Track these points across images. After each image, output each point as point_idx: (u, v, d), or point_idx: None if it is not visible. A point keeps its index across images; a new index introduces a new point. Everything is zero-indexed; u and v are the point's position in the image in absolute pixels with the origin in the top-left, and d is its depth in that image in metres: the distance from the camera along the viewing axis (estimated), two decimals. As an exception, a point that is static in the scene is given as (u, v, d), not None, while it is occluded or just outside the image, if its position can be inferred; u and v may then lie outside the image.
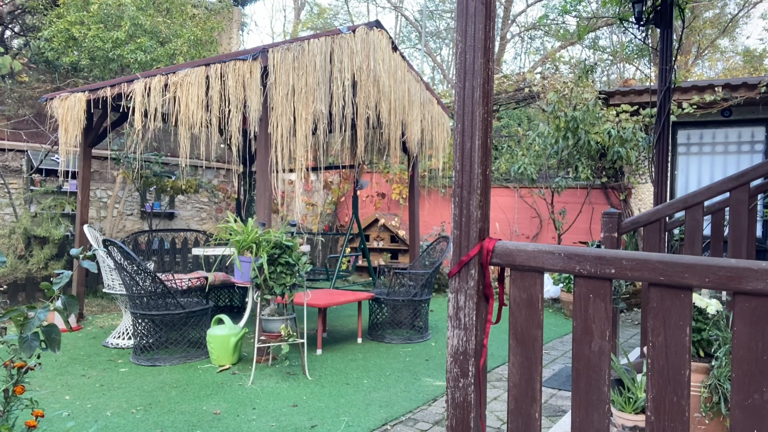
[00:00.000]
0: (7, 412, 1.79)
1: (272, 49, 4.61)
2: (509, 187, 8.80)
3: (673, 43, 4.59)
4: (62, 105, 5.47)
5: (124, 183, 8.08)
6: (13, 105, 8.39)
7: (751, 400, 1.18)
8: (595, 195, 8.22)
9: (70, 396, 3.72)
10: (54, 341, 1.73)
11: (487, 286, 1.56)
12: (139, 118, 4.85)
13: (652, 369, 1.29)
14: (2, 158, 7.18)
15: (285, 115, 4.62)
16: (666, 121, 4.44)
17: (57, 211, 7.18)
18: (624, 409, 2.54)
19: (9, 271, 6.38)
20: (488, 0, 1.56)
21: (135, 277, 4.54)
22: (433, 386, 4.01)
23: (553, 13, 15.24)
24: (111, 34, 8.08)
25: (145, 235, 7.35)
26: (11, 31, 10.19)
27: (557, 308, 7.22)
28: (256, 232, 4.20)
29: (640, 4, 4.65)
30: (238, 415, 3.42)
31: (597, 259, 1.36)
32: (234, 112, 4.63)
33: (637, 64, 16.08)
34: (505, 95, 9.00)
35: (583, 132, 7.15)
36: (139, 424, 3.25)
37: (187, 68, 4.76)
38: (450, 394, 1.61)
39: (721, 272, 1.20)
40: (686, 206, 3.51)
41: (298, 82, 4.65)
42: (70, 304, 1.77)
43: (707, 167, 7.71)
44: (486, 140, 1.57)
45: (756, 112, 7.27)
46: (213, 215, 9.61)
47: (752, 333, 1.17)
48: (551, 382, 4.14)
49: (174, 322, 4.60)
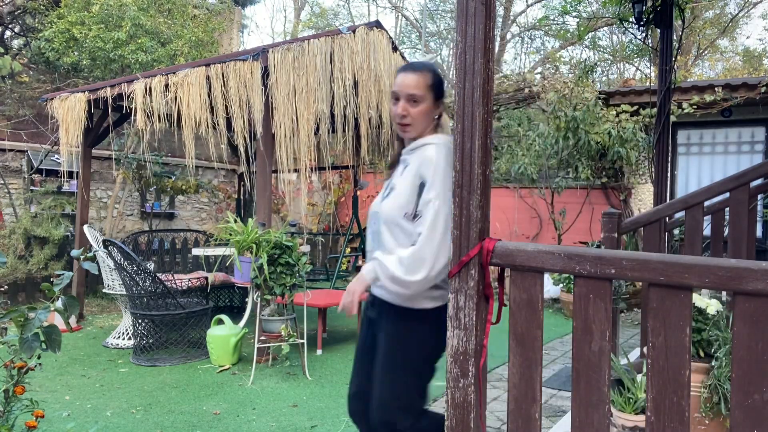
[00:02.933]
0: (7, 412, 1.79)
1: (272, 49, 4.61)
2: (509, 187, 8.79)
3: (673, 43, 4.59)
4: (62, 105, 5.46)
5: (124, 183, 8.08)
6: (13, 105, 8.39)
7: (751, 400, 1.18)
8: (595, 195, 8.21)
9: (70, 396, 3.72)
10: (54, 342, 1.73)
11: (487, 287, 1.55)
12: (140, 119, 4.85)
13: (652, 369, 1.29)
14: (2, 158, 7.18)
15: (287, 115, 4.62)
16: (666, 121, 4.44)
17: (57, 211, 7.19)
18: (624, 409, 2.54)
19: (9, 272, 6.38)
20: (488, 0, 1.56)
21: (135, 277, 4.54)
22: (433, 386, 4.01)
23: (553, 13, 15.25)
24: (112, 35, 8.08)
25: (145, 236, 7.35)
26: (11, 32, 10.19)
27: (557, 308, 7.22)
28: (256, 233, 4.20)
29: (640, 4, 4.64)
30: (238, 415, 3.42)
31: (597, 259, 1.36)
32: (236, 112, 4.63)
33: (637, 64, 16.08)
34: (505, 95, 8.99)
35: (583, 132, 7.14)
36: (139, 425, 3.25)
37: (188, 68, 4.76)
38: (450, 395, 1.61)
39: (721, 272, 1.20)
40: (686, 206, 3.51)
41: (299, 82, 4.65)
42: (71, 305, 1.77)
43: (707, 167, 7.70)
44: (486, 140, 1.57)
45: (756, 112, 7.27)
46: (213, 215, 9.61)
47: (752, 333, 1.17)
48: (551, 382, 4.14)
49: (174, 322, 4.60)
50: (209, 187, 8.91)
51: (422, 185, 1.81)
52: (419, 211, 1.81)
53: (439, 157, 1.81)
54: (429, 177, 1.80)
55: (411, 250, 1.77)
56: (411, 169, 1.87)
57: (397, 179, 1.93)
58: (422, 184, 1.81)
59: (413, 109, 1.90)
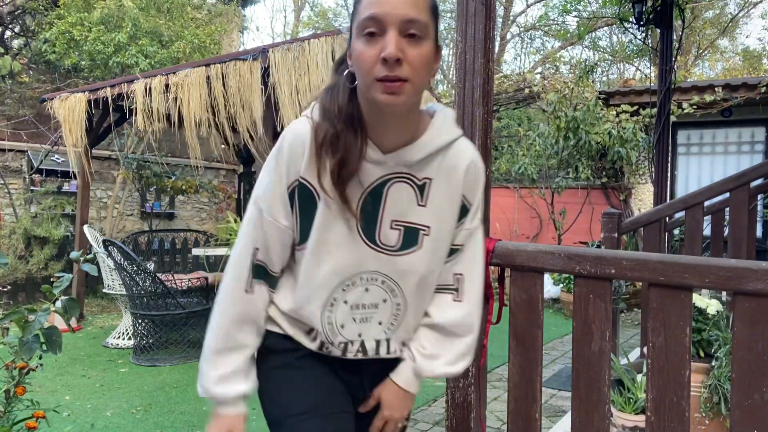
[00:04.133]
0: (7, 412, 1.79)
1: (272, 49, 4.61)
2: (509, 187, 8.79)
3: (673, 44, 4.59)
4: (62, 105, 5.46)
5: (124, 183, 8.08)
6: (13, 105, 8.39)
7: (751, 400, 1.18)
8: (595, 195, 8.21)
9: (70, 396, 3.72)
10: (55, 343, 1.73)
11: (487, 287, 1.55)
12: (141, 119, 4.85)
13: (652, 369, 1.29)
14: (2, 158, 7.18)
15: (287, 114, 4.62)
16: (666, 121, 4.44)
17: (57, 211, 7.19)
18: (624, 410, 2.54)
19: (9, 272, 6.38)
20: (488, 0, 1.56)
21: (135, 277, 4.54)
22: (433, 386, 4.01)
23: (554, 12, 15.24)
24: (112, 36, 8.08)
25: (145, 236, 7.35)
26: (11, 32, 10.19)
27: (557, 308, 7.22)
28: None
29: (640, 4, 4.65)
30: (238, 415, 3.42)
31: (597, 259, 1.36)
32: (237, 112, 4.63)
33: (637, 64, 16.08)
34: (505, 95, 8.99)
35: (583, 132, 7.14)
36: (139, 425, 3.25)
37: (188, 68, 4.76)
38: (450, 394, 1.61)
39: (721, 272, 1.20)
40: (686, 206, 3.51)
41: (300, 81, 4.65)
42: (71, 307, 1.77)
43: (707, 167, 7.70)
44: (486, 140, 1.57)
45: (756, 112, 7.27)
46: (213, 215, 9.61)
47: (752, 333, 1.17)
48: (551, 382, 4.14)
49: (174, 322, 4.60)
50: (209, 187, 8.92)
51: (463, 209, 1.21)
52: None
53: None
54: (476, 198, 1.22)
55: (467, 335, 1.24)
56: (444, 192, 1.16)
57: (407, 208, 1.15)
58: (463, 207, 1.20)
59: (413, 51, 1.02)
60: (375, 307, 1.19)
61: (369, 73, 1.01)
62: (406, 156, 1.12)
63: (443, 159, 1.16)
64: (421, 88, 1.06)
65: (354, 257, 1.14)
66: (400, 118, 1.10)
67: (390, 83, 1.00)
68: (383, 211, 1.13)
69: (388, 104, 1.02)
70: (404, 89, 1.01)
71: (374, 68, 1.00)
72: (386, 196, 1.13)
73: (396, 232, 1.15)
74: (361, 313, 1.19)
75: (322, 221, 1.13)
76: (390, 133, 1.11)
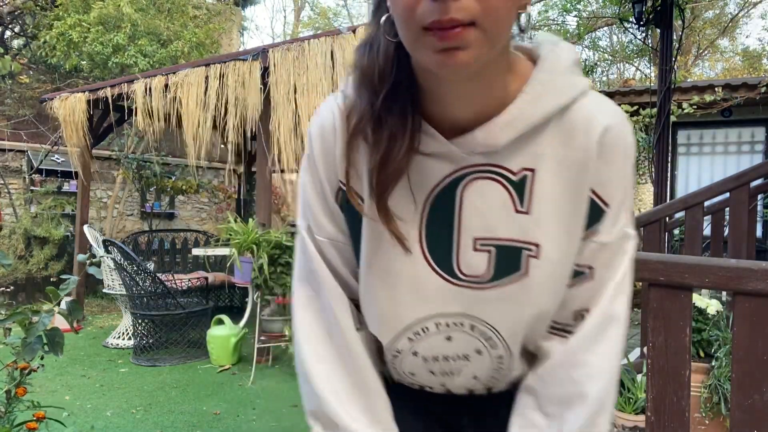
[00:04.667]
0: (8, 413, 1.79)
1: (272, 49, 4.61)
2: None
3: (673, 43, 4.59)
4: (62, 105, 5.47)
5: (124, 183, 8.08)
6: (13, 105, 8.39)
7: (751, 400, 1.18)
8: (595, 195, 8.20)
9: (71, 396, 3.72)
10: (57, 345, 1.73)
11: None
12: (141, 119, 4.85)
13: (652, 369, 1.29)
14: (2, 158, 7.18)
15: (287, 114, 4.62)
16: (666, 121, 4.44)
17: (57, 211, 7.19)
18: (624, 409, 2.55)
19: (9, 272, 6.38)
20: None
21: (135, 277, 4.54)
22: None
23: (554, 12, 15.25)
24: (111, 36, 8.08)
25: (145, 236, 7.35)
26: (11, 32, 10.19)
27: (557, 308, 7.22)
28: (256, 233, 4.20)
29: (640, 4, 4.65)
30: (238, 415, 3.42)
31: (597, 260, 1.36)
32: (237, 112, 4.63)
33: (637, 64, 16.09)
34: (505, 95, 8.99)
35: (583, 132, 7.13)
36: (139, 424, 3.25)
37: (187, 68, 4.76)
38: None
39: (721, 272, 1.20)
40: (686, 206, 3.51)
41: (299, 81, 4.65)
42: (74, 309, 1.77)
43: (707, 167, 7.71)
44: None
45: (756, 112, 7.27)
46: (213, 215, 9.61)
47: (752, 333, 1.18)
48: (551, 382, 4.13)
49: (174, 322, 4.60)
50: (209, 187, 8.92)
51: (595, 210, 0.74)
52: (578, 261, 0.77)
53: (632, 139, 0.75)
54: (617, 191, 0.74)
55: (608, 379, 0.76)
56: (559, 187, 0.72)
57: (499, 218, 0.73)
58: (594, 207, 0.74)
59: None
60: (466, 359, 0.82)
61: (410, 18, 0.60)
62: (485, 138, 0.69)
63: (555, 133, 0.71)
64: (501, 34, 0.63)
65: (419, 296, 0.77)
66: (474, 83, 0.67)
67: (445, 31, 0.59)
68: (460, 225, 0.74)
69: (445, 67, 0.61)
70: (468, 39, 0.59)
71: (417, 9, 0.59)
72: (461, 202, 0.73)
73: (484, 256, 0.74)
74: (441, 366, 0.84)
75: (370, 242, 0.77)
76: (458, 106, 0.70)
